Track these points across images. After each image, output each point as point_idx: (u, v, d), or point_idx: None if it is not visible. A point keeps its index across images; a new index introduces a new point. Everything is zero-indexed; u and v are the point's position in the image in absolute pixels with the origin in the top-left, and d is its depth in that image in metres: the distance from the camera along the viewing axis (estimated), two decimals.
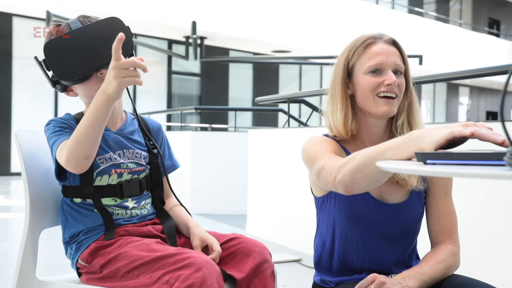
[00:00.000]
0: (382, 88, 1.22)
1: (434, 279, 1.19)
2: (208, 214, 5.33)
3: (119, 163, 1.38)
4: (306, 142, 1.28)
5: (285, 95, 4.41)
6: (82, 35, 1.27)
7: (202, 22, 10.48)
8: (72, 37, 1.27)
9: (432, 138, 0.86)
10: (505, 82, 0.67)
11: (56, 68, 1.26)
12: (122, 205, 1.38)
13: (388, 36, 1.27)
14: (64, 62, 1.26)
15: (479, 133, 0.83)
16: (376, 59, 1.22)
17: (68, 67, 1.26)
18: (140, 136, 1.47)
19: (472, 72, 2.93)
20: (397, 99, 1.24)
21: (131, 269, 1.23)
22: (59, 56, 1.26)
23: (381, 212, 1.25)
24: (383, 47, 1.24)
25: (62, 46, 1.26)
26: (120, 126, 1.43)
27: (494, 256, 2.21)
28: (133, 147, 1.42)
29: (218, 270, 1.20)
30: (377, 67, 1.22)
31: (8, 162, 9.79)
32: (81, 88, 1.33)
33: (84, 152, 1.21)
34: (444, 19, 17.53)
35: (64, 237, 1.39)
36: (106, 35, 1.27)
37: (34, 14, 9.79)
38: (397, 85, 1.22)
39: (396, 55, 1.24)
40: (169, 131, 10.10)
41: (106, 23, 1.30)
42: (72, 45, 1.26)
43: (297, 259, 3.40)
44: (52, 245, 3.52)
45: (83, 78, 1.30)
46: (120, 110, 1.44)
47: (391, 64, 1.23)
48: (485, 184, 2.23)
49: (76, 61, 1.26)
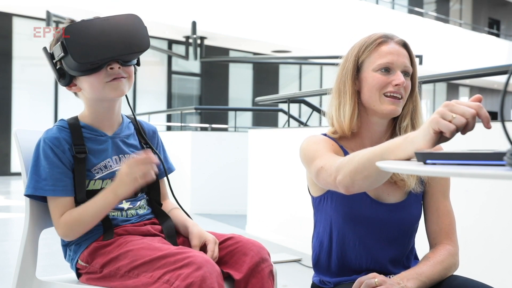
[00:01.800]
0: (389, 88, 1.22)
1: (433, 279, 1.18)
2: (208, 214, 5.33)
3: (113, 171, 1.36)
4: (304, 141, 1.27)
5: (285, 95, 4.41)
6: (103, 24, 1.28)
7: (202, 22, 10.48)
8: (94, 23, 1.27)
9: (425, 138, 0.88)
10: (505, 82, 0.67)
11: (75, 49, 1.25)
12: (117, 207, 1.37)
13: (400, 37, 1.28)
14: (83, 45, 1.26)
15: (460, 125, 0.85)
16: (387, 57, 1.23)
17: (86, 51, 1.25)
18: (135, 139, 1.46)
19: (472, 72, 2.93)
20: (402, 100, 1.24)
21: (132, 268, 1.23)
22: (80, 38, 1.26)
23: (378, 211, 1.25)
24: (395, 47, 1.24)
25: (84, 30, 1.26)
26: (116, 129, 1.42)
27: (494, 256, 2.21)
28: (129, 152, 1.41)
29: (218, 270, 1.20)
30: (387, 66, 1.23)
31: (8, 162, 9.79)
32: (88, 81, 1.31)
33: (83, 230, 1.31)
34: (444, 19, 17.52)
35: (63, 240, 1.38)
36: (125, 29, 1.29)
37: (34, 14, 9.79)
38: (404, 86, 1.23)
39: (406, 57, 1.25)
40: (169, 131, 10.10)
41: (126, 18, 1.32)
42: (93, 30, 1.26)
43: (297, 259, 3.40)
44: (52, 245, 3.52)
45: (94, 69, 1.28)
46: (119, 114, 1.43)
47: (400, 65, 1.23)
48: (485, 184, 2.23)
49: (94, 46, 1.26)
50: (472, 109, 0.85)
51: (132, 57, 1.34)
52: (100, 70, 1.29)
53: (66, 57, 1.27)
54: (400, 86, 1.22)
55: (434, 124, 0.86)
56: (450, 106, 0.86)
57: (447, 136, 0.86)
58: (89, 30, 1.26)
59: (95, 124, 1.38)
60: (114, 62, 1.30)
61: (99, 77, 1.30)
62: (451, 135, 0.85)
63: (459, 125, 0.84)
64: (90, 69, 1.28)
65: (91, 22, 1.27)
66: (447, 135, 0.85)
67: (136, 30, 1.32)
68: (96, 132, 1.38)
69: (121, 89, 1.33)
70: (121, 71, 1.32)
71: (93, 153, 1.34)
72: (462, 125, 0.84)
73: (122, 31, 1.29)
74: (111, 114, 1.39)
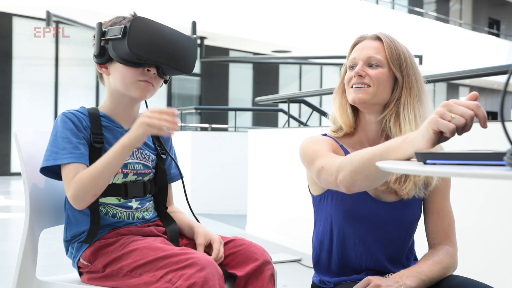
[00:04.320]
0: (352, 81, 1.26)
1: (432, 278, 1.18)
2: (208, 214, 5.33)
3: (126, 163, 1.37)
4: (304, 141, 1.28)
5: (285, 95, 4.41)
6: (166, 31, 1.33)
7: (202, 22, 10.48)
8: (159, 26, 1.32)
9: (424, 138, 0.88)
10: (505, 82, 0.67)
11: (134, 37, 1.27)
12: (126, 205, 1.38)
13: (377, 33, 1.29)
14: (142, 38, 1.29)
15: (460, 125, 0.85)
16: (352, 55, 1.28)
17: (142, 44, 1.28)
18: (149, 139, 1.48)
19: (472, 72, 2.93)
20: (371, 88, 1.24)
21: (134, 268, 1.23)
22: (143, 31, 1.29)
23: (378, 210, 1.25)
24: (362, 44, 1.27)
25: (149, 26, 1.30)
26: (132, 125, 1.43)
27: (494, 256, 2.21)
28: (142, 148, 1.43)
29: (220, 272, 1.20)
30: (352, 63, 1.27)
31: (8, 162, 9.79)
32: (122, 71, 1.33)
33: (94, 190, 1.25)
34: (444, 19, 17.52)
35: (66, 236, 1.38)
36: (181, 46, 1.35)
37: (34, 14, 9.79)
38: (369, 75, 1.23)
39: (374, 49, 1.25)
40: None
41: (187, 38, 1.38)
42: (156, 32, 1.31)
43: (297, 259, 3.40)
44: (52, 245, 3.52)
45: (135, 64, 1.31)
46: (136, 112, 1.45)
47: (363, 57, 1.25)
48: (485, 184, 2.23)
49: (150, 45, 1.30)
50: (471, 109, 0.85)
51: (171, 72, 1.39)
52: (139, 67, 1.32)
53: (120, 40, 1.29)
54: (358, 75, 1.24)
55: (433, 124, 0.86)
56: (449, 106, 0.86)
57: (447, 136, 0.86)
58: (153, 29, 1.30)
59: (114, 115, 1.41)
60: (154, 67, 1.34)
61: (134, 72, 1.33)
62: (451, 134, 0.85)
63: (458, 125, 0.84)
64: (133, 61, 1.31)
65: (157, 24, 1.32)
66: (447, 134, 0.85)
67: (189, 53, 1.38)
68: (114, 123, 1.40)
69: (145, 92, 1.36)
70: (153, 78, 1.36)
71: (109, 143, 1.35)
72: (461, 125, 0.85)
73: (177, 46, 1.35)
74: (129, 110, 1.42)
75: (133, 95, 1.36)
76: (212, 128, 9.59)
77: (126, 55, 1.29)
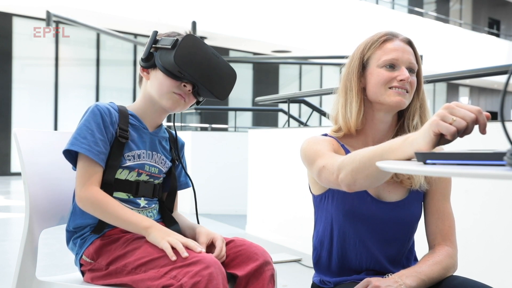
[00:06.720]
0: (394, 83, 1.24)
1: (432, 278, 1.18)
2: (208, 214, 5.33)
3: (143, 164, 1.40)
4: (305, 142, 1.28)
5: (285, 95, 4.41)
6: (213, 55, 1.39)
7: (202, 22, 10.47)
8: (208, 49, 1.38)
9: (425, 139, 0.88)
10: (505, 82, 0.67)
11: (182, 51, 1.32)
12: (134, 201, 1.40)
13: (405, 35, 1.29)
14: (189, 54, 1.34)
15: (460, 128, 0.86)
16: (391, 54, 1.24)
17: (187, 60, 1.34)
18: (167, 144, 1.52)
19: (472, 72, 2.93)
20: (408, 95, 1.25)
21: (139, 265, 1.23)
22: (191, 49, 1.34)
23: (378, 209, 1.25)
24: (399, 44, 1.26)
25: (198, 46, 1.36)
26: (156, 129, 1.48)
27: (494, 257, 2.21)
28: (161, 153, 1.47)
29: (223, 272, 1.20)
30: (392, 62, 1.24)
31: (8, 162, 9.79)
32: (161, 79, 1.37)
33: (99, 216, 1.32)
34: (444, 19, 17.53)
35: (68, 226, 1.39)
36: (222, 73, 1.40)
37: (34, 14, 9.79)
38: (409, 82, 1.24)
39: (411, 54, 1.27)
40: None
41: (229, 68, 1.42)
42: (203, 53, 1.36)
43: (297, 259, 3.40)
44: (52, 245, 3.52)
45: (174, 76, 1.36)
46: (162, 120, 1.49)
47: (405, 61, 1.25)
48: (485, 184, 2.23)
49: (194, 63, 1.35)
50: (473, 113, 0.85)
51: (205, 94, 1.43)
52: (177, 80, 1.37)
53: (168, 51, 1.34)
54: (405, 81, 1.23)
55: (434, 126, 0.86)
56: (451, 109, 0.86)
57: (449, 138, 0.86)
58: (201, 49, 1.36)
59: (142, 116, 1.44)
60: (191, 85, 1.38)
61: (171, 83, 1.37)
62: (452, 137, 0.85)
63: (459, 128, 0.84)
64: (173, 73, 1.35)
65: (206, 46, 1.37)
66: (448, 137, 0.85)
67: (227, 81, 1.43)
68: (141, 123, 1.43)
69: (176, 105, 1.40)
70: (187, 94, 1.40)
71: (133, 140, 1.39)
72: (462, 128, 0.85)
73: (218, 71, 1.39)
74: (157, 116, 1.46)
75: (165, 104, 1.40)
76: (212, 128, 9.59)
77: (169, 65, 1.34)
